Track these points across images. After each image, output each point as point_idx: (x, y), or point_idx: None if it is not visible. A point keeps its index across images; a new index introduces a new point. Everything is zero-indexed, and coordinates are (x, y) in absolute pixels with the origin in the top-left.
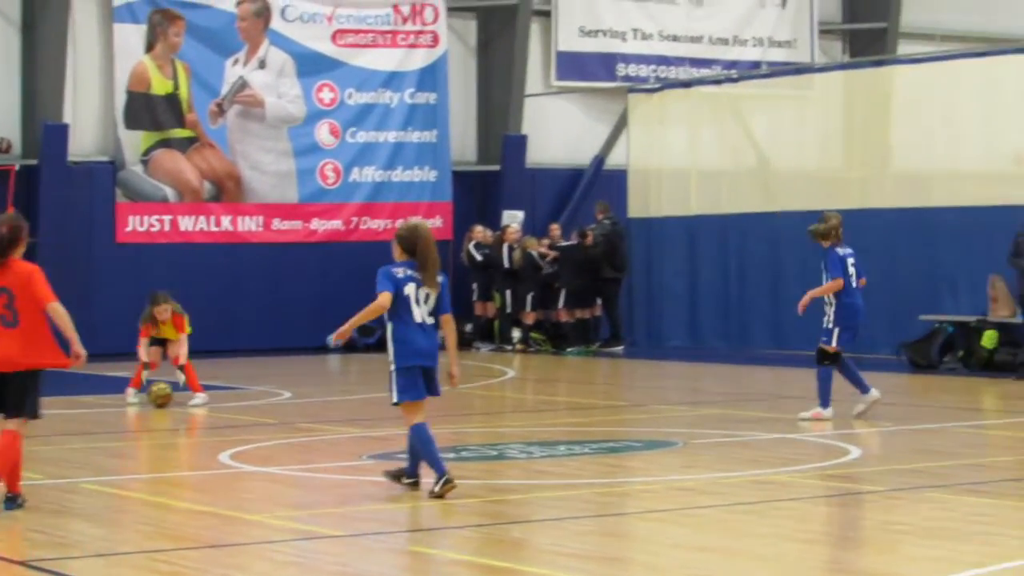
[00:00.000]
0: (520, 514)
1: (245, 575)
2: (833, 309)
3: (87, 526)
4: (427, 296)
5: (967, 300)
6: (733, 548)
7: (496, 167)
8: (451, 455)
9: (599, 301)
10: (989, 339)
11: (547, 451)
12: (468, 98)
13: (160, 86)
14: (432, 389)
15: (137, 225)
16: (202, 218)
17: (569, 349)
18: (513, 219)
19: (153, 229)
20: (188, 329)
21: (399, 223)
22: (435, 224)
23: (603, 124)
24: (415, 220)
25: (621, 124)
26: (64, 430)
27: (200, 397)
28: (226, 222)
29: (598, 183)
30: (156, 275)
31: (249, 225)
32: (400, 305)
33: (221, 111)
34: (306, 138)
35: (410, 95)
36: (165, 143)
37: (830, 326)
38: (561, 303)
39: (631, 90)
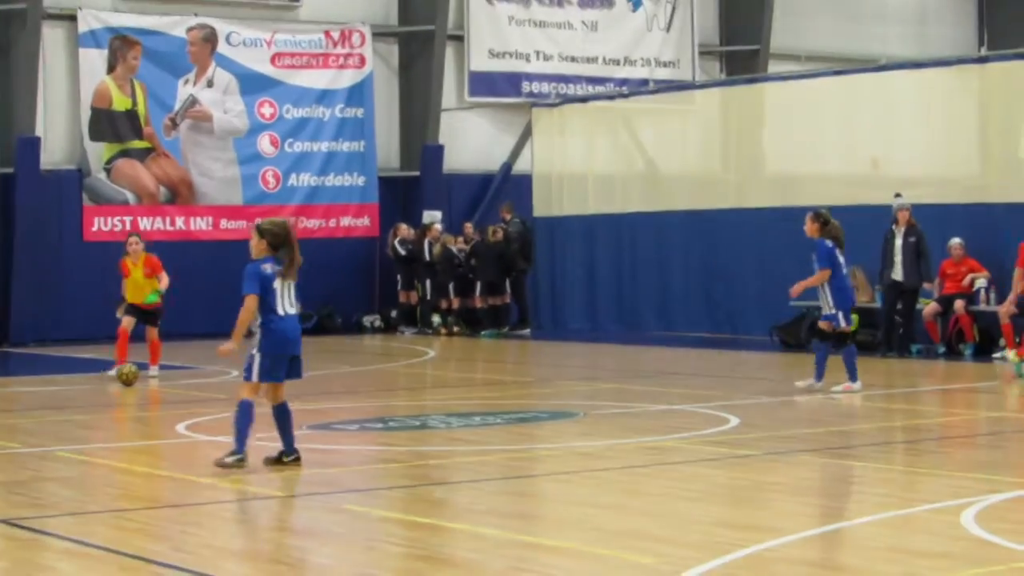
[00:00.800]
0: (441, 476)
1: (200, 531)
2: (829, 295)
3: (61, 488)
4: (291, 287)
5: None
6: (628, 505)
7: (416, 173)
8: (379, 425)
9: (508, 290)
10: None
11: (464, 421)
12: (391, 112)
13: (120, 103)
14: (295, 373)
15: (102, 225)
16: (159, 219)
17: (483, 332)
18: (432, 218)
19: (116, 229)
20: (164, 280)
21: (262, 220)
22: (364, 223)
23: (510, 135)
24: (282, 218)
25: (526, 134)
26: (40, 404)
27: (154, 370)
28: (180, 222)
29: (506, 186)
30: (119, 270)
31: (200, 224)
32: (270, 299)
33: (174, 125)
34: (249, 148)
35: (340, 110)
36: (125, 153)
37: (832, 311)
38: (477, 292)
39: (534, 105)
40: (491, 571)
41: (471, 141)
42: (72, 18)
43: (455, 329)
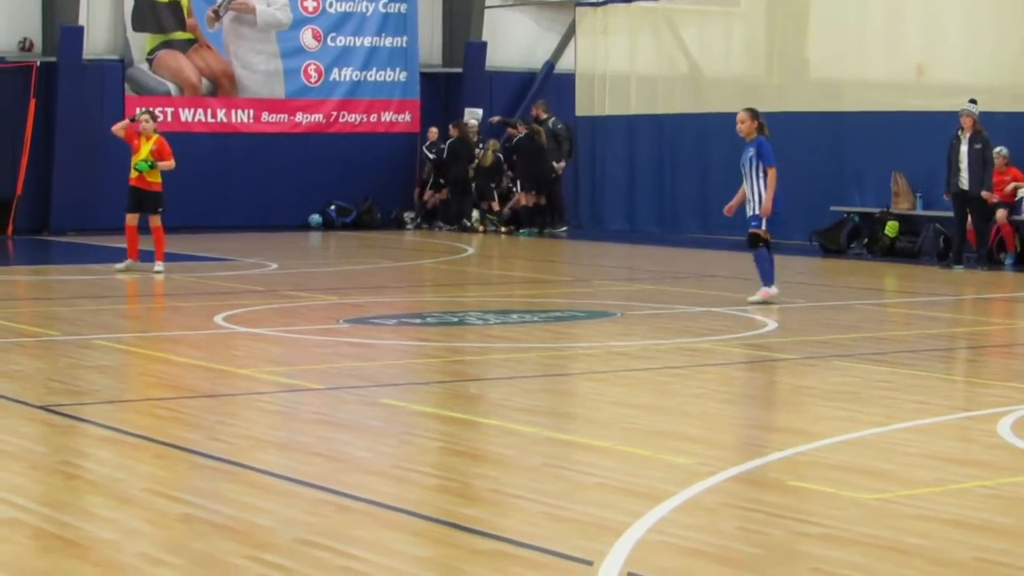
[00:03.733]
0: (477, 373)
1: (236, 421)
2: (771, 197)
3: (98, 376)
4: None
5: (872, 194)
6: (662, 405)
7: (459, 70)
8: (417, 321)
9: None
10: (891, 228)
11: (501, 319)
12: (435, 8)
13: None
14: None
15: None
16: (200, 111)
17: (521, 231)
18: (473, 116)
19: (157, 120)
20: (171, 160)
21: None
22: (405, 119)
23: (553, 33)
24: None
25: (569, 34)
26: (79, 293)
27: (159, 265)
28: (221, 114)
29: (548, 85)
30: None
31: (241, 117)
32: None
33: (217, 17)
34: (292, 42)
35: (383, 5)
36: (168, 44)
37: (758, 213)
38: (519, 189)
39: (579, 4)
40: (525, 467)
41: (514, 39)
42: None
43: (503, 229)
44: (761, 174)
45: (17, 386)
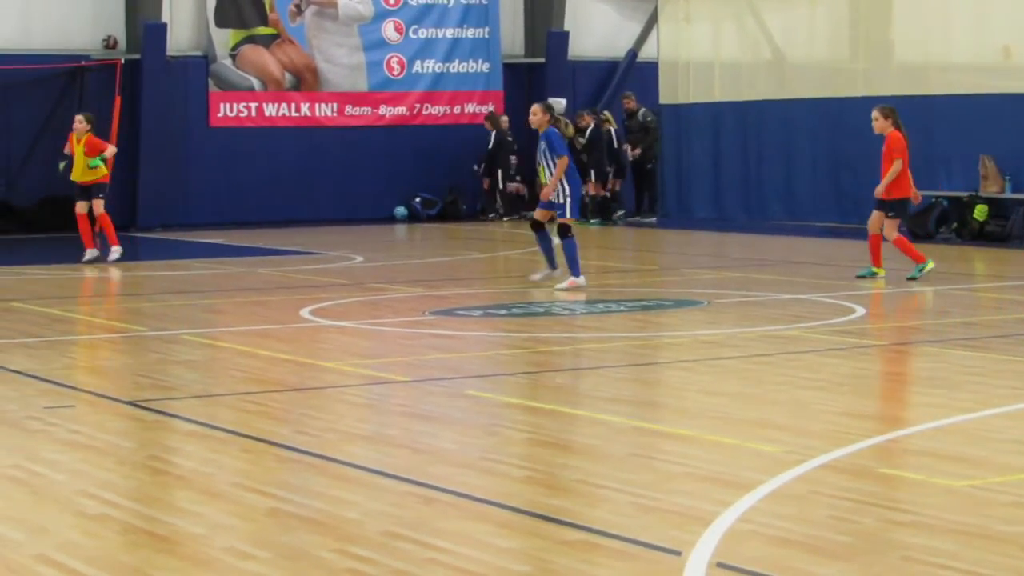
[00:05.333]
0: (563, 363)
1: (323, 414)
2: (568, 184)
3: (186, 371)
4: None
5: (960, 178)
6: (751, 394)
7: (541, 60)
8: (503, 312)
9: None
10: (980, 212)
11: (588, 308)
12: None
13: None
14: None
15: (227, 111)
16: (284, 105)
17: (592, 221)
18: (557, 106)
19: (241, 115)
20: (108, 153)
21: None
22: (488, 110)
23: (636, 21)
24: None
25: (652, 22)
26: (166, 288)
27: (115, 250)
28: (304, 108)
29: (631, 74)
30: (244, 156)
31: (325, 111)
32: None
33: (299, 11)
34: (374, 34)
35: None
36: (251, 39)
37: (564, 200)
38: (592, 178)
39: None
40: (613, 457)
41: (596, 28)
42: None
43: (591, 222)
44: (554, 163)
45: (106, 382)
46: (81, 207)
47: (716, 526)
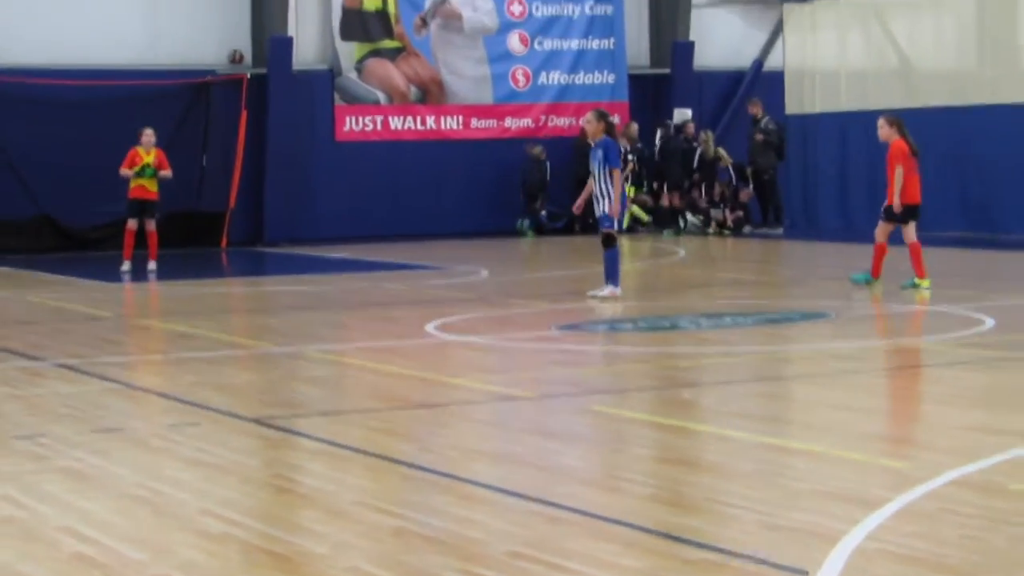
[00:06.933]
0: (689, 378)
1: (448, 431)
2: (615, 197)
3: (311, 388)
4: None
5: None
6: (878, 408)
7: (667, 70)
8: (629, 326)
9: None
10: None
11: (714, 322)
12: (641, 9)
13: (371, 2)
14: None
15: (353, 125)
16: (409, 118)
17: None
18: (683, 116)
19: (367, 128)
20: (169, 169)
21: None
22: (614, 122)
23: (761, 31)
24: None
25: (777, 31)
26: (292, 304)
27: (152, 264)
28: (430, 121)
29: (757, 84)
30: (370, 169)
31: (451, 124)
32: None
33: (424, 24)
34: (499, 47)
35: (590, 7)
36: (376, 53)
37: (610, 213)
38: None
39: (786, 1)
40: (739, 474)
41: (721, 38)
42: None
43: (725, 232)
44: (608, 175)
45: (231, 399)
46: (133, 223)
47: (843, 545)
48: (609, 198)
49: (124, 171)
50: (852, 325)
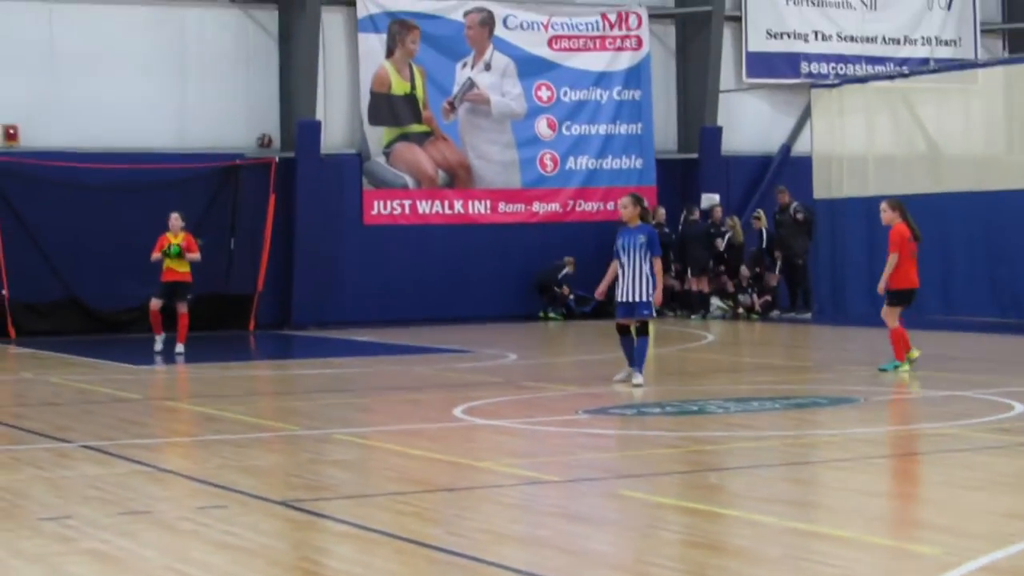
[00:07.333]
0: (717, 462)
1: (475, 515)
2: (653, 283)
3: (338, 471)
4: None
5: None
6: (908, 494)
7: (695, 155)
8: (656, 410)
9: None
10: None
11: (742, 406)
12: (669, 95)
13: (399, 87)
14: None
15: (381, 209)
16: (437, 202)
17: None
18: (710, 201)
19: (395, 212)
20: (197, 252)
21: None
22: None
23: (789, 116)
24: None
25: (805, 116)
26: (320, 387)
27: (180, 347)
28: (458, 205)
29: (785, 168)
30: (398, 253)
31: (479, 208)
32: None
33: (453, 108)
34: (527, 131)
35: (618, 92)
36: (404, 137)
37: (649, 300)
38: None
39: (813, 86)
40: (767, 559)
41: (749, 123)
42: (351, 3)
43: (752, 317)
44: (648, 262)
45: (258, 482)
46: (156, 303)
47: None
48: (652, 286)
49: (155, 256)
50: (880, 410)
